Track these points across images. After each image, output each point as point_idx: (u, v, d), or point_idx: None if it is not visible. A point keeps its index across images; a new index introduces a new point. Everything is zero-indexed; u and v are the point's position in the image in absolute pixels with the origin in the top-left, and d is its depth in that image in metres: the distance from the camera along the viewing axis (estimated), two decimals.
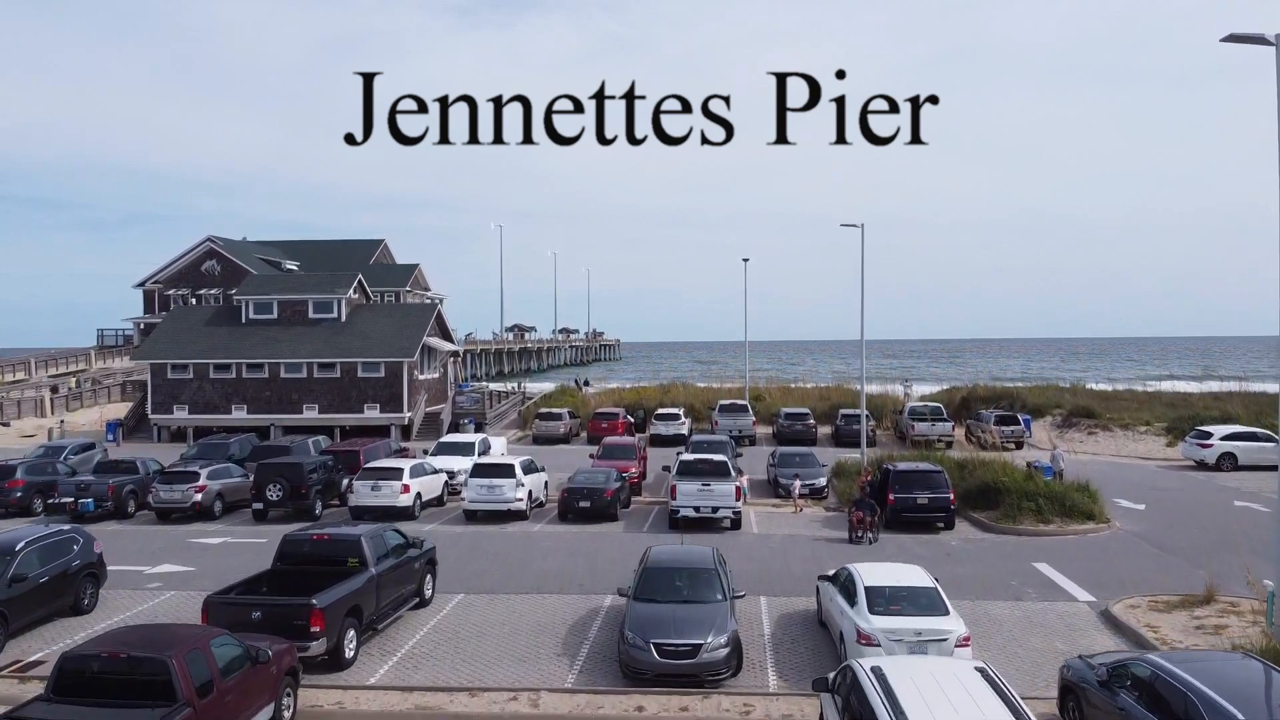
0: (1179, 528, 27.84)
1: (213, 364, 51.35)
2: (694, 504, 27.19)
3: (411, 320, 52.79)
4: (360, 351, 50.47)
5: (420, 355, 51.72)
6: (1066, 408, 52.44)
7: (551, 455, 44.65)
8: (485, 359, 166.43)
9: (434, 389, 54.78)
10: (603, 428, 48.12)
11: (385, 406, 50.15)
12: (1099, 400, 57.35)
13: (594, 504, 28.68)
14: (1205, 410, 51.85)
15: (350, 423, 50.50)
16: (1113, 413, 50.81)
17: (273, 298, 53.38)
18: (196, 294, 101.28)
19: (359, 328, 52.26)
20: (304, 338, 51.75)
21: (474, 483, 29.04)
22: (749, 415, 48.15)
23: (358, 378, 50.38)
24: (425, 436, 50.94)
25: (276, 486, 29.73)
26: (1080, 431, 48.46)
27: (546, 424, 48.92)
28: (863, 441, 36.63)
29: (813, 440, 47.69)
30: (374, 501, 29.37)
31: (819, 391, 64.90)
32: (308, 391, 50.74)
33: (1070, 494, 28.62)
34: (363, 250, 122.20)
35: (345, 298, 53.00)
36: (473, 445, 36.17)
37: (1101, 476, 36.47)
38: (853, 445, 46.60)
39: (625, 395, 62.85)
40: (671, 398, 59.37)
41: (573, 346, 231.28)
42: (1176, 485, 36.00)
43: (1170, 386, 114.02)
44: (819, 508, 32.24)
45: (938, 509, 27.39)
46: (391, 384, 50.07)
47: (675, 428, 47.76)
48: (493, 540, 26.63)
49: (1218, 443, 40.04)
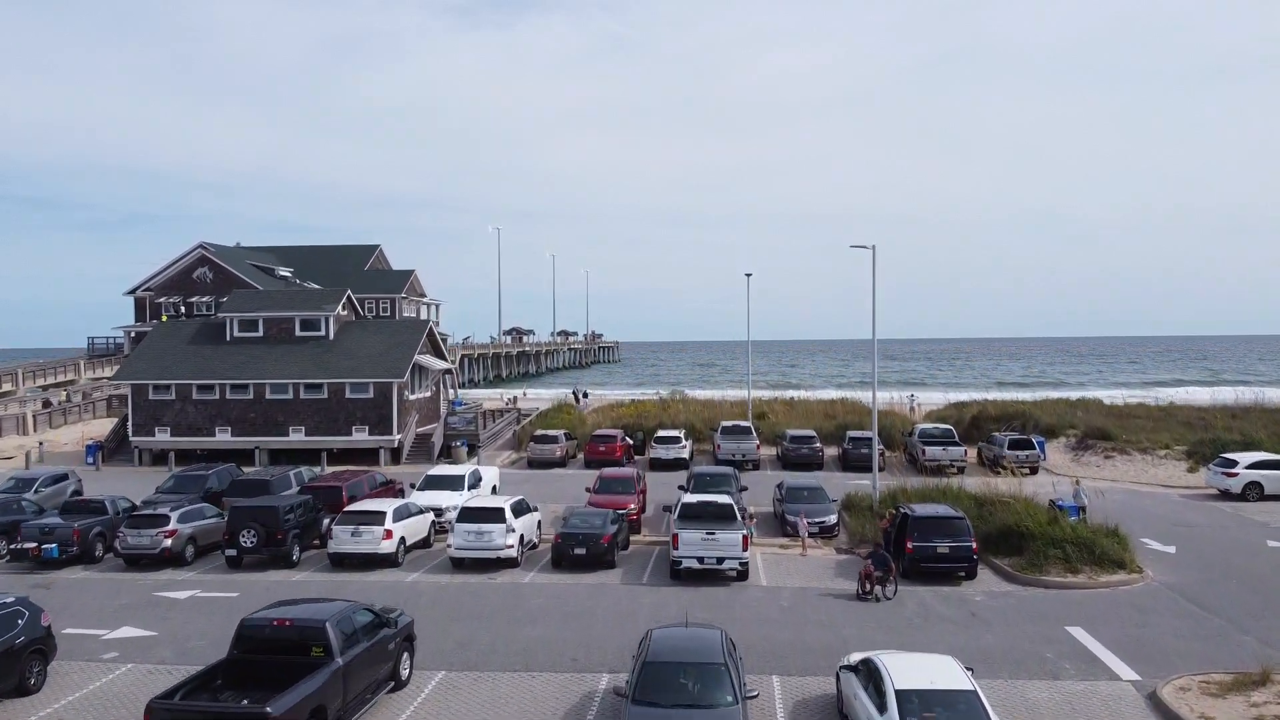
0: (1216, 579, 25.98)
1: (195, 384, 49.45)
2: (697, 554, 25.32)
3: (402, 338, 50.88)
4: (348, 371, 48.56)
5: (411, 375, 49.83)
6: (1081, 428, 50.55)
7: (547, 482, 42.89)
8: (483, 363, 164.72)
9: (425, 409, 52.88)
10: (600, 451, 46.26)
11: (374, 429, 48.24)
12: (1113, 419, 55.44)
13: (590, 551, 26.80)
14: (1225, 431, 50.05)
15: (338, 445, 48.61)
16: (1129, 433, 48.92)
17: (258, 315, 51.45)
18: (188, 301, 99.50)
19: (347, 346, 50.34)
20: (290, 357, 49.84)
21: (461, 528, 27.15)
22: (752, 439, 46.24)
23: (346, 399, 48.47)
24: (416, 459, 49.10)
25: (250, 532, 27.84)
26: (1097, 455, 46.57)
27: (542, 447, 47.00)
28: (874, 474, 34.69)
29: (819, 464, 45.89)
30: (354, 548, 27.51)
31: (824, 408, 63.00)
32: (294, 413, 48.83)
33: (1099, 540, 26.77)
34: (357, 256, 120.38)
35: (333, 314, 51.09)
36: (462, 479, 34.28)
37: (1124, 509, 34.78)
38: (862, 469, 44.82)
39: (624, 413, 60.92)
40: (671, 415, 57.47)
41: (571, 349, 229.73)
42: (1204, 521, 34.14)
43: (1182, 395, 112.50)
44: (829, 548, 30.42)
45: (959, 559, 25.54)
46: (381, 405, 48.17)
47: (675, 451, 45.89)
48: (480, 595, 24.75)
49: (1243, 471, 38.22)
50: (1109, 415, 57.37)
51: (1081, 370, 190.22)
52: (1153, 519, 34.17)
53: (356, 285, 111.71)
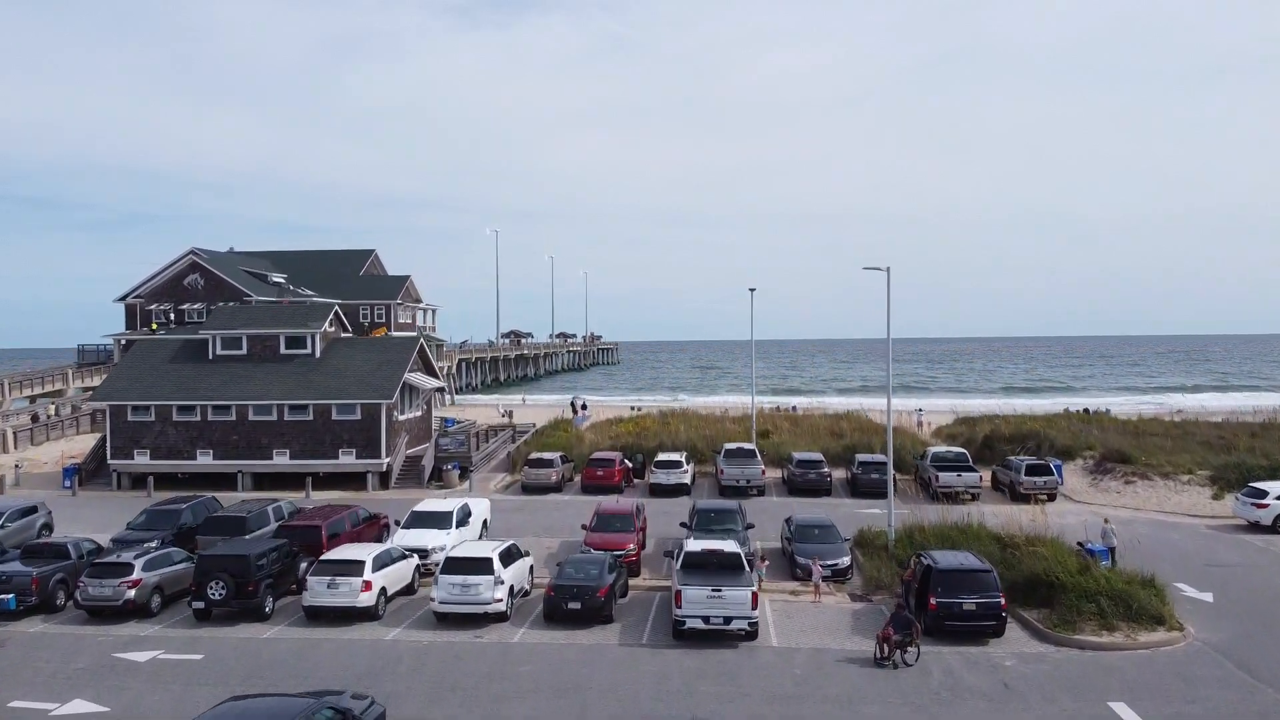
0: (1261, 636, 24.01)
1: (176, 405, 47.41)
2: (703, 613, 23.30)
3: (391, 356, 48.83)
4: (335, 392, 46.52)
5: (401, 395, 47.81)
6: (1098, 450, 48.58)
7: (541, 511, 40.88)
8: (480, 367, 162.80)
9: (416, 429, 50.86)
10: (598, 476, 44.25)
11: (361, 451, 46.22)
12: (1130, 437, 53.51)
13: (585, 605, 24.80)
14: (1247, 452, 48.11)
15: (324, 469, 46.60)
16: (1148, 454, 46.96)
17: (241, 332, 49.40)
18: (179, 309, 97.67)
19: (335, 365, 48.31)
20: (275, 376, 47.81)
21: (445, 580, 25.14)
22: (757, 463, 44.21)
23: (332, 420, 46.43)
24: (406, 483, 47.08)
25: (219, 584, 25.84)
26: (1116, 480, 44.59)
27: (537, 471, 44.93)
28: (890, 513, 32.65)
29: (827, 490, 43.90)
30: (331, 600, 25.51)
31: (829, 424, 60.98)
32: (278, 435, 46.80)
33: (1135, 592, 24.79)
34: (353, 261, 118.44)
35: (320, 331, 49.04)
36: (450, 515, 32.23)
37: (1152, 545, 32.94)
38: (872, 496, 42.93)
39: (622, 430, 58.91)
40: (671, 433, 55.48)
41: (570, 352, 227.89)
42: (1237, 560, 32.16)
43: (1193, 402, 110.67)
44: (843, 594, 28.49)
45: (987, 616, 23.55)
46: (368, 427, 46.15)
47: (677, 476, 43.84)
48: (464, 660, 22.72)
49: (1273, 502, 36.30)
50: (1125, 433, 55.45)
51: (1084, 373, 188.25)
52: (1183, 557, 32.19)
53: (351, 291, 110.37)
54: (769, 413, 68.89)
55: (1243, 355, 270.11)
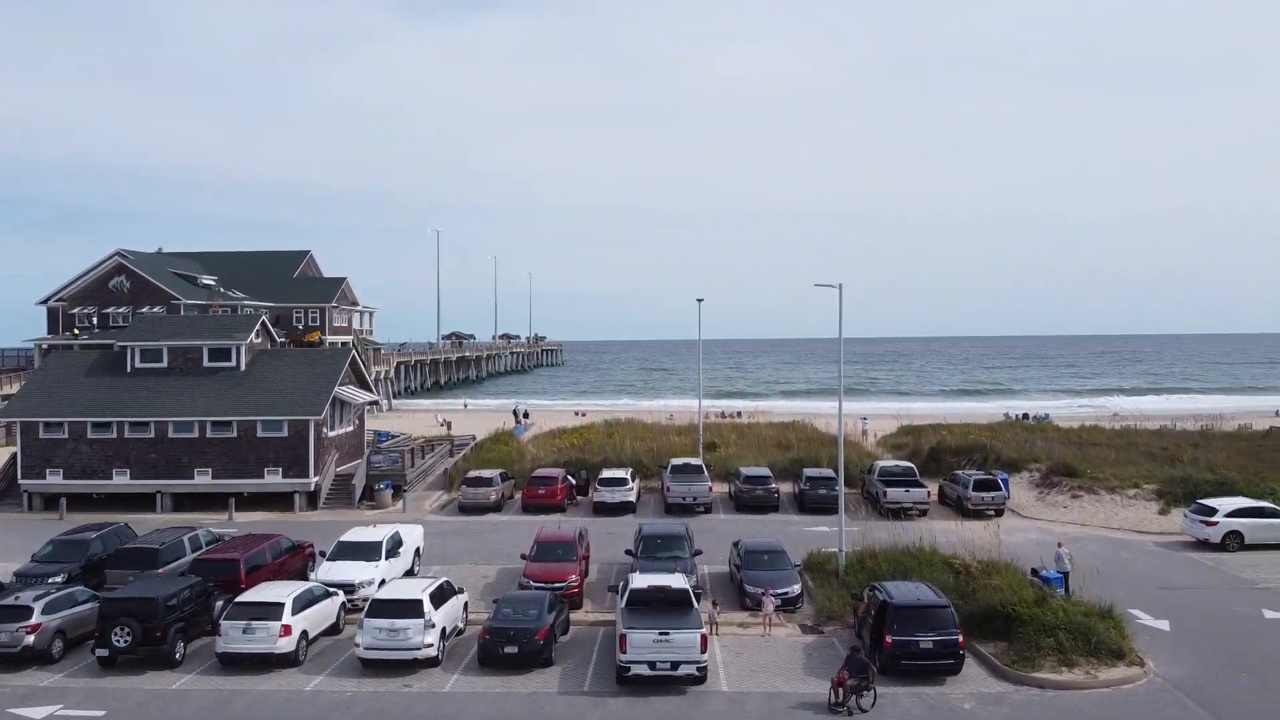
0: (1222, 671, 23.32)
1: (91, 422, 44.72)
2: (649, 659, 21.88)
3: (321, 369, 46.62)
4: (261, 408, 44.22)
5: (331, 410, 45.66)
6: (1044, 463, 48.25)
7: (479, 533, 39.09)
8: (420, 370, 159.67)
9: (347, 446, 48.68)
10: (539, 495, 42.62)
11: (289, 470, 43.99)
12: (1073, 447, 53.42)
13: (523, 649, 23.23)
14: (1190, 463, 48.31)
15: (249, 489, 44.28)
16: (1093, 467, 46.75)
17: (162, 344, 46.79)
18: (104, 312, 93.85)
19: (261, 378, 45.97)
20: (197, 391, 45.34)
21: (371, 625, 23.37)
22: (704, 480, 42.94)
23: (257, 438, 44.13)
24: (336, 503, 44.97)
25: (125, 630, 23.78)
26: (1063, 494, 44.23)
27: (475, 490, 43.08)
28: (840, 539, 31.56)
29: (775, 506, 42.85)
30: (247, 647, 23.60)
31: (775, 434, 60.06)
32: (200, 454, 44.37)
33: (1094, 624, 23.98)
34: (287, 262, 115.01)
35: (245, 343, 46.65)
36: (379, 546, 30.34)
37: (1103, 566, 32.45)
38: (820, 512, 42.05)
39: (566, 442, 57.33)
40: (616, 445, 54.03)
41: (514, 353, 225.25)
42: (1190, 581, 31.70)
43: (1129, 406, 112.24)
44: (793, 625, 27.35)
45: (944, 655, 22.52)
46: (296, 445, 43.93)
47: (622, 494, 42.36)
48: (389, 713, 21.04)
49: (1223, 520, 36.01)
50: (1069, 443, 55.41)
51: (1021, 375, 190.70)
52: (1136, 580, 31.64)
53: (285, 293, 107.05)
54: (714, 421, 67.86)
55: (1172, 356, 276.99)
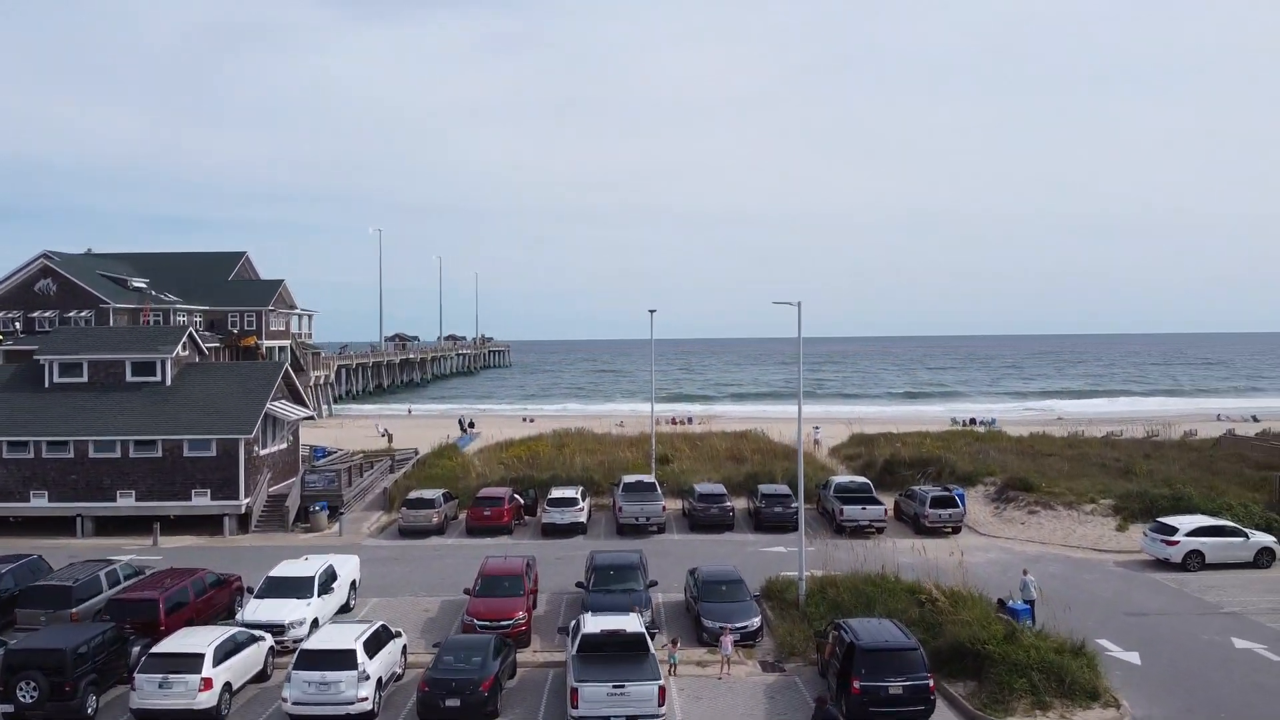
0: (1196, 709, 22.43)
1: (6, 441, 41.91)
2: (603, 714, 20.32)
3: (252, 383, 44.20)
4: (188, 425, 41.73)
5: (263, 427, 43.31)
6: (999, 476, 47.61)
7: (421, 560, 37.06)
8: (363, 373, 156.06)
9: (280, 464, 46.28)
10: (485, 516, 40.75)
11: (217, 492, 41.58)
12: (1027, 459, 53.04)
13: (465, 701, 21.44)
14: (1144, 474, 48.19)
15: (175, 512, 41.79)
16: (1048, 481, 46.19)
17: (82, 358, 44.01)
18: (29, 316, 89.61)
19: (188, 393, 43.44)
20: (120, 407, 42.68)
21: (299, 677, 21.43)
22: (658, 499, 41.42)
23: (184, 458, 41.65)
24: (268, 526, 42.64)
25: (30, 685, 21.61)
26: (1020, 509, 43.55)
27: (416, 513, 40.99)
28: (800, 567, 30.21)
29: (730, 525, 41.50)
30: (164, 702, 21.54)
31: (728, 445, 58.80)
32: (123, 475, 41.75)
33: (1066, 663, 22.93)
34: (222, 264, 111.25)
35: (171, 356, 44.07)
36: (310, 581, 28.29)
37: (1066, 589, 31.76)
38: (777, 530, 40.97)
39: (513, 454, 55.44)
40: (566, 460, 52.32)
41: (460, 354, 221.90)
42: (1156, 606, 30.96)
43: (1075, 408, 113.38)
44: (754, 662, 25.95)
45: (915, 701, 21.26)
46: (225, 465, 41.53)
47: (572, 515, 40.65)
48: None
49: (1184, 539, 35.44)
50: (1022, 454, 55.05)
51: (965, 377, 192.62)
52: (1101, 606, 30.82)
53: (221, 297, 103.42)
54: (666, 431, 66.36)
55: (1110, 357, 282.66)
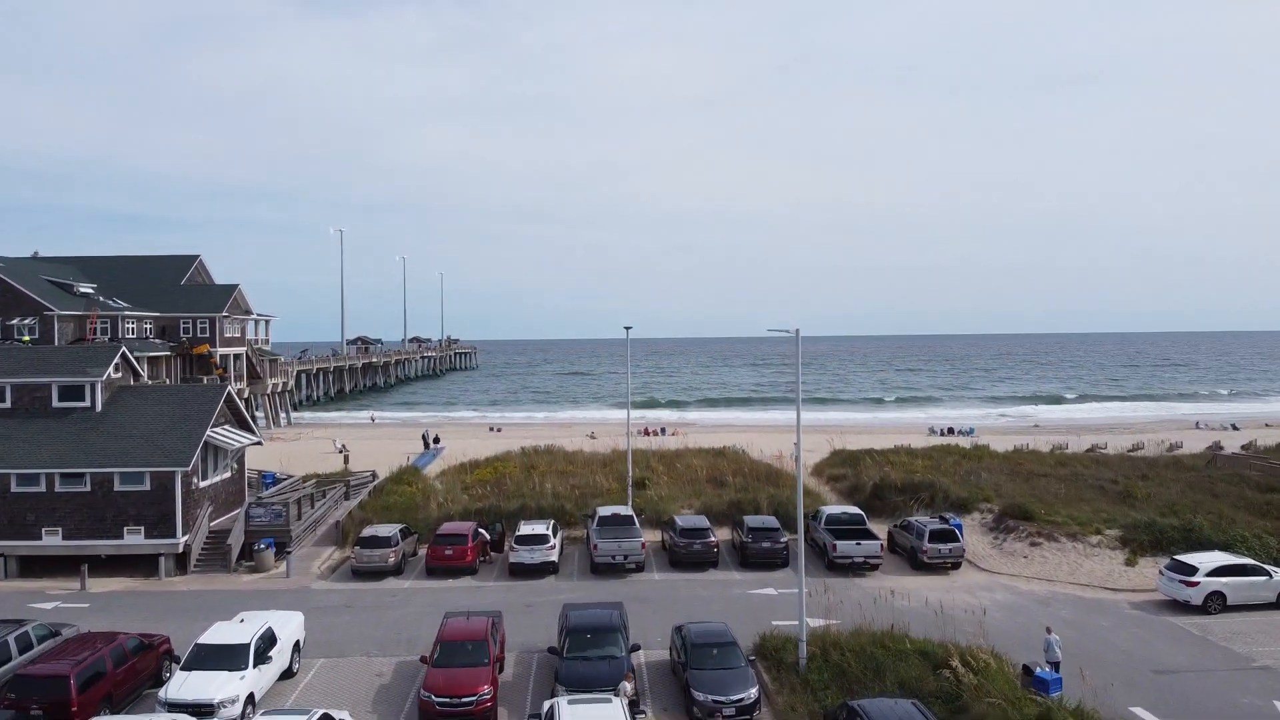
0: None
1: None
2: None
3: (191, 409, 40.45)
4: (119, 456, 37.92)
5: (202, 456, 39.62)
6: (995, 503, 44.96)
7: (375, 608, 33.40)
8: (324, 378, 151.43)
9: (224, 495, 42.55)
10: (446, 556, 37.28)
11: (152, 529, 37.83)
12: (1020, 482, 50.59)
13: None
14: (1144, 498, 45.96)
15: (106, 551, 38.00)
16: (1047, 508, 43.63)
17: (4, 381, 40.04)
18: None
19: (120, 421, 39.63)
20: (45, 436, 38.78)
21: None
22: (636, 534, 38.10)
23: (115, 492, 37.86)
24: (209, 566, 38.92)
25: None
26: (1020, 541, 40.87)
27: (370, 553, 37.31)
28: (801, 620, 27.12)
29: (715, 562, 38.35)
30: None
31: (708, 465, 55.68)
32: (49, 511, 37.88)
33: None
34: (174, 268, 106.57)
35: (102, 380, 40.25)
36: (245, 650, 24.74)
37: (1082, 636, 29.40)
38: (764, 567, 38.09)
39: (479, 479, 51.99)
40: (535, 485, 48.97)
41: (425, 357, 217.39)
42: (1184, 661, 28.26)
43: (1053, 415, 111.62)
44: None
45: None
46: (160, 500, 37.79)
47: (543, 553, 37.26)
48: None
49: (1204, 579, 32.87)
50: (1013, 475, 52.59)
51: (938, 381, 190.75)
52: (1125, 661, 28.05)
53: (172, 302, 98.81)
54: (641, 448, 63.17)
55: (1073, 357, 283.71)
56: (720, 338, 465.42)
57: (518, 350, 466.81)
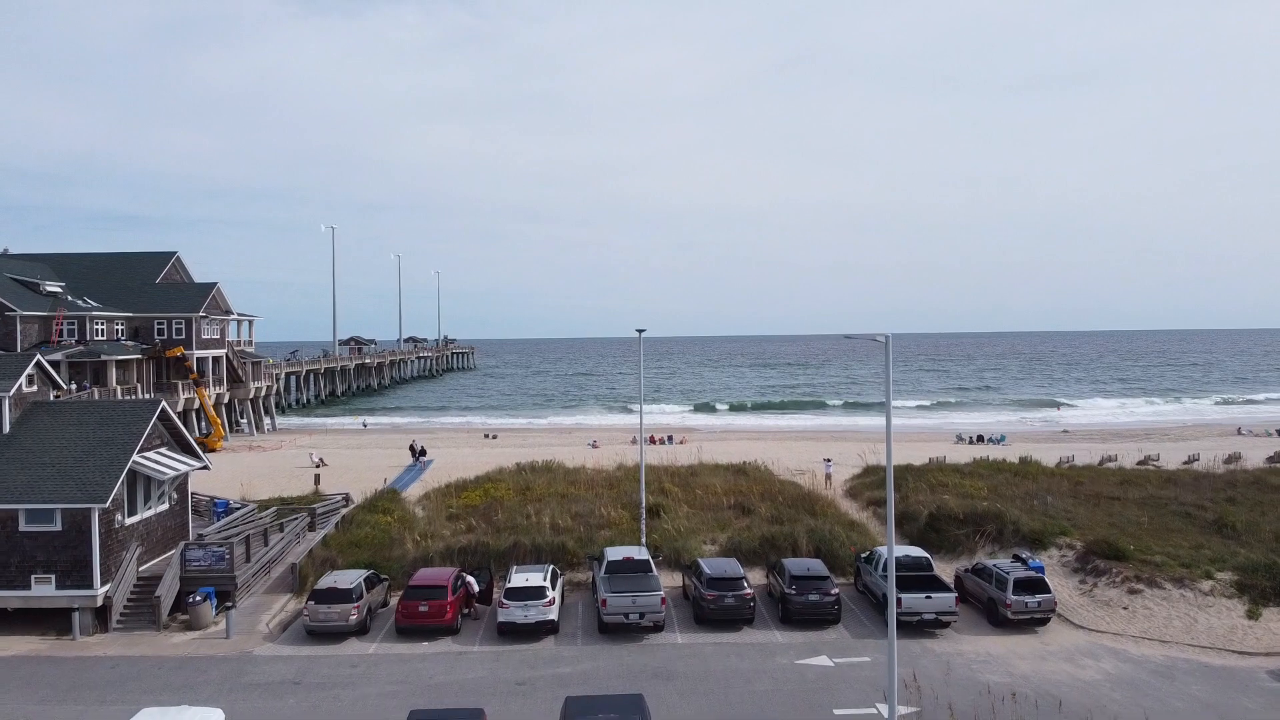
0: None
1: None
2: None
3: (115, 430, 33.54)
4: (25, 489, 31.08)
5: (129, 487, 32.78)
6: (1075, 537, 38.12)
7: (328, 688, 26.29)
8: (314, 380, 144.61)
9: (159, 532, 35.67)
10: (421, 614, 30.27)
11: (65, 578, 30.98)
12: (1086, 506, 43.78)
13: None
14: (1245, 527, 39.28)
15: (12, 603, 31.18)
16: (1138, 543, 36.85)
17: None
18: None
19: (30, 445, 32.79)
20: None
21: None
22: (654, 587, 30.83)
23: (20, 533, 31.01)
24: (134, 622, 31.99)
25: None
26: (1115, 587, 33.97)
27: (328, 609, 30.12)
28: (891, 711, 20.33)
29: (750, 618, 31.34)
30: None
31: (729, 485, 48.59)
32: None
33: None
34: (149, 265, 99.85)
35: (9, 395, 33.42)
36: None
37: None
38: (811, 625, 31.16)
39: (466, 503, 45.12)
40: (532, 516, 42.09)
41: (420, 358, 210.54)
42: None
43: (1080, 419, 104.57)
44: None
45: None
46: (74, 542, 30.95)
47: (538, 610, 30.11)
48: None
49: None
50: (1078, 498, 45.89)
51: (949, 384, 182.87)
52: None
53: (146, 302, 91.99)
54: (652, 463, 56.25)
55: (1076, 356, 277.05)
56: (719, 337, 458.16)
57: (516, 349, 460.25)
